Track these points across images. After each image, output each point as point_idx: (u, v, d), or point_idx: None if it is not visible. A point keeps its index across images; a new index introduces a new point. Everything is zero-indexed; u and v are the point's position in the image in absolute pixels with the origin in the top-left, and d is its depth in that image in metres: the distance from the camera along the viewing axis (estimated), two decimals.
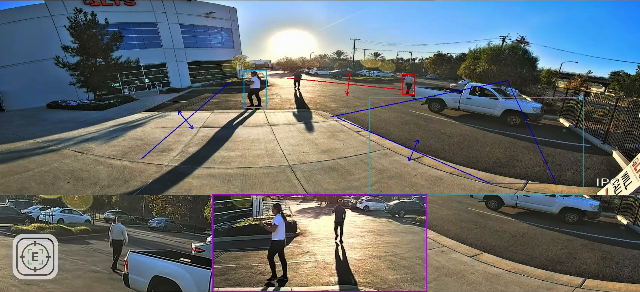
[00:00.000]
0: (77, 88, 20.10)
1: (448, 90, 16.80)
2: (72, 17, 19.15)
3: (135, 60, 22.06)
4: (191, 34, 29.20)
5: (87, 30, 19.20)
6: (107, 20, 20.20)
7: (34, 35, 20.68)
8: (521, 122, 13.68)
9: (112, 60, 20.29)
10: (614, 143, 10.67)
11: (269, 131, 11.73)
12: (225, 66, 31.34)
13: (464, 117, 15.13)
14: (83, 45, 19.22)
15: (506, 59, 25.93)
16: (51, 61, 19.03)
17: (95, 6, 21.86)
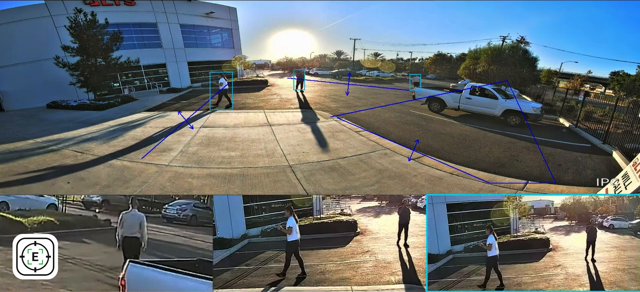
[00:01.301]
0: (77, 88, 20.06)
1: (448, 90, 16.81)
2: (72, 17, 19.13)
3: (135, 61, 22.03)
4: (191, 34, 29.18)
5: (87, 30, 19.18)
6: (107, 20, 20.17)
7: (34, 35, 20.65)
8: (521, 122, 13.69)
9: (112, 60, 20.27)
10: (614, 143, 10.67)
11: (269, 131, 11.73)
12: (225, 66, 31.33)
13: (464, 117, 15.13)
14: (83, 46, 19.19)
15: (506, 59, 25.92)
16: (51, 61, 19.00)
17: (95, 6, 21.82)
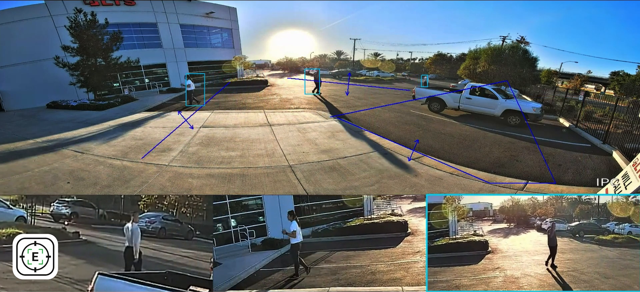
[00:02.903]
0: (77, 88, 20.06)
1: (448, 90, 16.81)
2: (72, 17, 19.12)
3: (135, 61, 22.01)
4: (191, 34, 29.19)
5: (87, 30, 19.17)
6: (107, 20, 20.17)
7: (34, 35, 20.65)
8: (521, 122, 13.69)
9: (112, 60, 20.27)
10: (614, 143, 10.67)
11: (269, 131, 11.73)
12: (225, 66, 31.33)
13: (464, 117, 15.13)
14: (83, 46, 19.19)
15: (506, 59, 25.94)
16: (51, 61, 19.00)
17: (95, 6, 21.82)
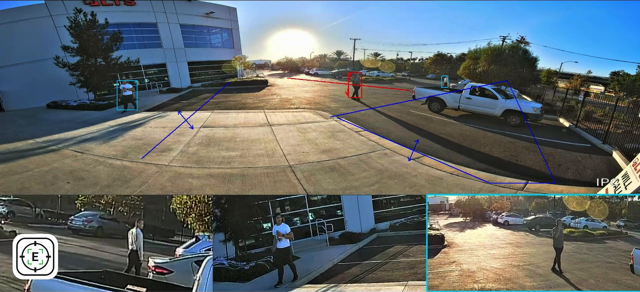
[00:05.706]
0: (77, 88, 20.06)
1: (448, 90, 16.81)
2: (72, 17, 19.12)
3: (135, 60, 22.02)
4: (191, 34, 29.19)
5: (87, 30, 19.17)
6: (107, 20, 20.17)
7: (34, 35, 20.66)
8: (521, 122, 13.69)
9: (112, 60, 20.27)
10: (614, 143, 10.67)
11: (269, 131, 11.73)
12: (225, 66, 31.34)
13: (464, 117, 15.13)
14: (83, 46, 19.19)
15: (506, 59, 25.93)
16: (51, 61, 18.99)
17: (95, 6, 21.84)
